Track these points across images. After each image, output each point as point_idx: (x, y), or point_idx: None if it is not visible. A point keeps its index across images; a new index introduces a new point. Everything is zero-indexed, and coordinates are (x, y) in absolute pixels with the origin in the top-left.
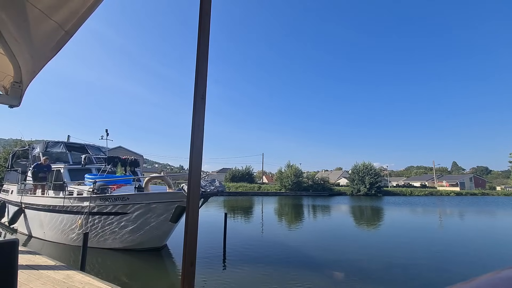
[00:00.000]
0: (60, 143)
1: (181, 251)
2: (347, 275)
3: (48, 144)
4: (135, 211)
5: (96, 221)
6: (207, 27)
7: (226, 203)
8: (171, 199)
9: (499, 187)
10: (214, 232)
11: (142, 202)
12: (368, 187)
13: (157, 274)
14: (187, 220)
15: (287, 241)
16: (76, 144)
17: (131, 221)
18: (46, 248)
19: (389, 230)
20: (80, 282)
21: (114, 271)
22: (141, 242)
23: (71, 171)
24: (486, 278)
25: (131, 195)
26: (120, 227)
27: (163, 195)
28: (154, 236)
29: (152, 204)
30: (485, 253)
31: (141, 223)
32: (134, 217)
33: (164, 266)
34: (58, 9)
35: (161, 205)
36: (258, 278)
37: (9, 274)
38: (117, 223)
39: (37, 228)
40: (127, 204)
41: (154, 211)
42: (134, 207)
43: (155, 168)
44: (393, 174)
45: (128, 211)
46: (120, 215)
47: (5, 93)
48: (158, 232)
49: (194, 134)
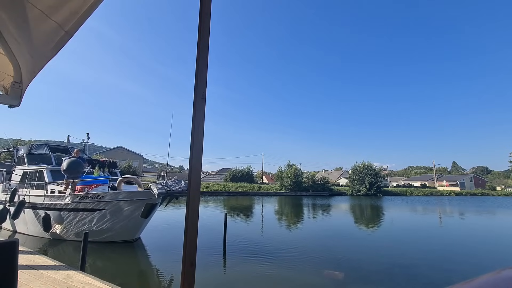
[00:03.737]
0: (44, 145)
1: (181, 251)
2: (347, 275)
3: (32, 146)
4: (108, 208)
5: (74, 217)
6: (207, 27)
7: (226, 203)
8: (139, 197)
9: (499, 187)
10: (213, 232)
11: (114, 200)
12: (368, 187)
13: (157, 274)
14: (187, 220)
15: (287, 241)
16: (59, 146)
17: (105, 217)
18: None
19: (389, 229)
20: (80, 282)
21: (114, 271)
22: (115, 235)
23: (53, 171)
24: (486, 278)
25: (105, 194)
26: (96, 222)
27: (132, 194)
28: (126, 230)
29: (122, 201)
30: (485, 253)
31: (114, 218)
32: (108, 213)
33: (164, 266)
34: (58, 9)
35: (131, 202)
36: (258, 278)
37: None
38: (92, 218)
39: (21, 224)
40: (101, 202)
41: (125, 208)
42: (108, 205)
43: (155, 168)
44: (393, 174)
45: (102, 208)
46: (96, 211)
47: (5, 93)
48: (130, 226)
49: (194, 134)
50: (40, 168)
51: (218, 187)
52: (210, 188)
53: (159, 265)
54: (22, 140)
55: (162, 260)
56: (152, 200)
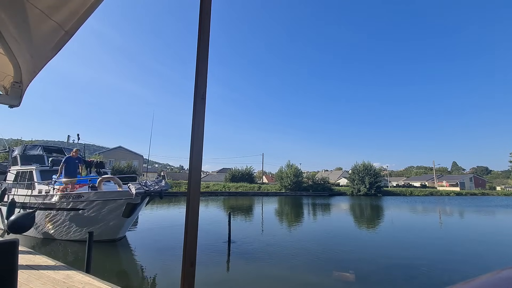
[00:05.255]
0: (38, 146)
1: (181, 251)
2: (347, 275)
3: (26, 147)
4: (89, 208)
5: (60, 216)
6: (207, 27)
7: (226, 203)
8: (117, 197)
9: (499, 187)
10: (213, 231)
11: (94, 199)
12: (368, 187)
13: (157, 274)
14: (187, 220)
15: (287, 240)
16: (54, 146)
17: (87, 216)
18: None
19: (389, 229)
20: (80, 282)
21: (115, 270)
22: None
23: (42, 172)
24: (486, 278)
25: (85, 193)
26: (78, 221)
27: (110, 194)
28: (108, 229)
29: (102, 201)
30: (485, 253)
31: (96, 217)
32: (88, 213)
33: (164, 266)
34: (58, 9)
35: (111, 202)
36: (265, 279)
37: (9, 274)
38: (74, 217)
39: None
40: (82, 201)
41: (105, 207)
42: (88, 204)
43: (155, 168)
44: (393, 174)
45: (83, 208)
46: (79, 210)
47: (5, 93)
48: (111, 225)
49: (194, 134)
50: (30, 168)
51: (218, 187)
52: (210, 188)
53: (159, 265)
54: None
55: (162, 260)
56: (132, 199)
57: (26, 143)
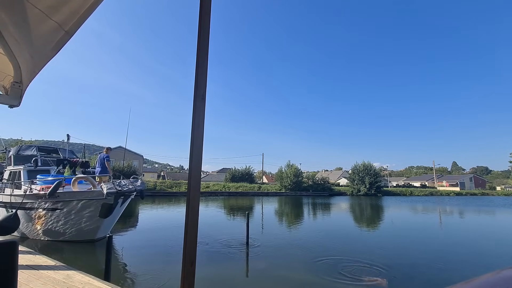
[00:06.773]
0: (33, 146)
1: (181, 251)
2: (347, 274)
3: (21, 148)
4: (64, 208)
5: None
6: (207, 27)
7: (226, 203)
8: (89, 197)
9: (499, 187)
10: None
11: (69, 199)
12: (368, 187)
13: (156, 274)
14: (187, 220)
15: (288, 240)
16: (48, 147)
17: (62, 216)
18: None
19: (389, 229)
20: (80, 282)
21: (115, 271)
22: (74, 234)
23: (29, 172)
24: (486, 278)
25: (60, 193)
26: (53, 221)
27: (82, 193)
28: (85, 229)
29: (75, 201)
30: (485, 253)
31: (72, 218)
32: (65, 212)
33: (164, 266)
34: (58, 9)
35: (84, 202)
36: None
37: (9, 274)
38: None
39: None
40: (59, 201)
41: (79, 207)
42: (63, 204)
43: (155, 168)
44: (393, 174)
45: (60, 207)
46: (57, 210)
47: (5, 93)
48: (88, 226)
49: (194, 134)
50: (18, 168)
51: (218, 187)
52: (210, 188)
53: (159, 265)
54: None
55: (161, 260)
56: (108, 199)
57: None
